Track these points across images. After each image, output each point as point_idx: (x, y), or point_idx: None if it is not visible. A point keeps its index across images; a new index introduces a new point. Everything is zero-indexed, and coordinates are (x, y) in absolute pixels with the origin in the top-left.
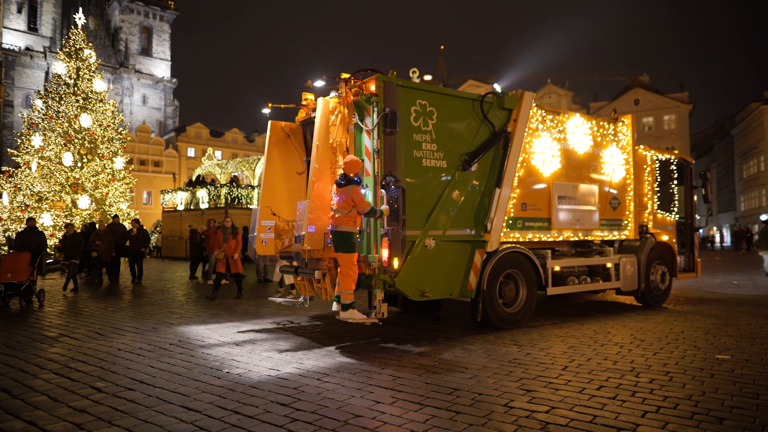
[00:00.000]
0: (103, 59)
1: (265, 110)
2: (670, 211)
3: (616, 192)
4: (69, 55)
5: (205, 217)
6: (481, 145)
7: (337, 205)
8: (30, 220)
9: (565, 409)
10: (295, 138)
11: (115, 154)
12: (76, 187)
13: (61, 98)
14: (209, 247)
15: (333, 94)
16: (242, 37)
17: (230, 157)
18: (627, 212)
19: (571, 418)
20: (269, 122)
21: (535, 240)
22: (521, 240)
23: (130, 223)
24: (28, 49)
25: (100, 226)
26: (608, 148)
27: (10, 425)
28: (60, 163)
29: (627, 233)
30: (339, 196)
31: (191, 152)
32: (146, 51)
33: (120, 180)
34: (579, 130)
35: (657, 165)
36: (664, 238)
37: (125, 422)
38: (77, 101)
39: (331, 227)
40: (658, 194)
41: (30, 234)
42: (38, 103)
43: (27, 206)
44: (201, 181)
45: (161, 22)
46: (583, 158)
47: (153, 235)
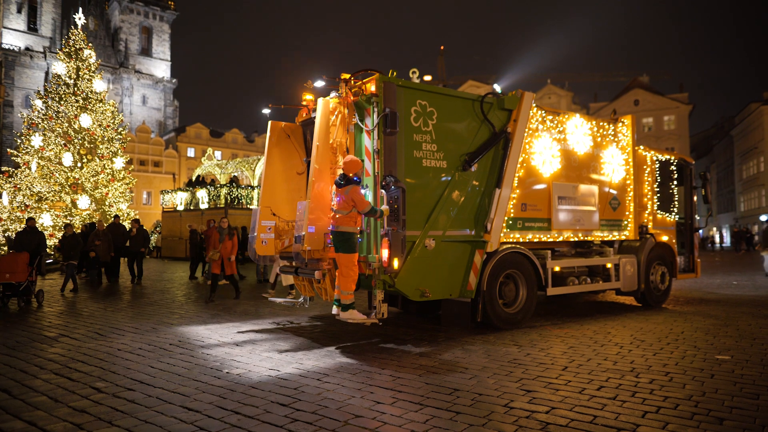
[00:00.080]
0: (103, 59)
1: (266, 110)
2: (669, 212)
3: (616, 192)
4: (69, 55)
5: (205, 218)
6: (481, 146)
7: (337, 206)
8: (30, 220)
9: (565, 410)
10: (295, 138)
11: (114, 154)
12: (76, 188)
13: (60, 98)
14: (209, 247)
15: (333, 94)
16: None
17: (230, 158)
18: (627, 213)
19: (571, 419)
20: (269, 122)
21: (535, 240)
22: (521, 240)
23: (129, 224)
24: (27, 49)
25: (99, 226)
26: (608, 148)
27: (10, 425)
28: (60, 164)
29: (627, 234)
30: (339, 197)
31: (191, 152)
32: (146, 51)
33: (120, 180)
34: (579, 130)
35: (657, 165)
36: (664, 238)
37: (125, 422)
38: (77, 101)
39: (332, 228)
40: (658, 195)
41: (30, 234)
42: (38, 104)
43: (27, 206)
44: (201, 182)
45: (161, 23)
46: (583, 159)
47: (153, 236)
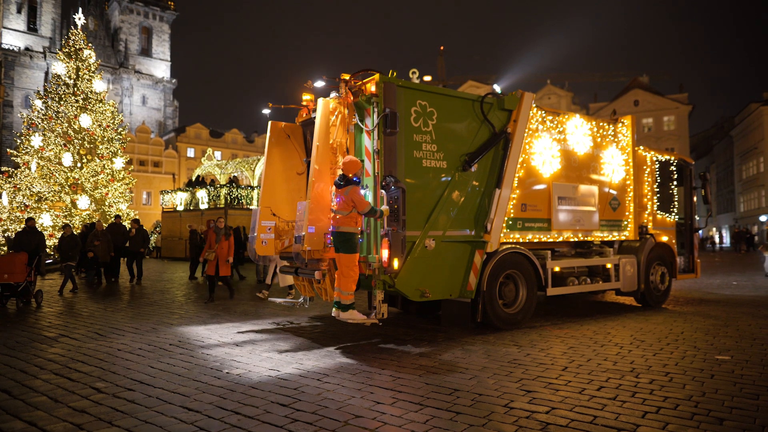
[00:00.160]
0: (103, 59)
1: (265, 110)
2: (669, 212)
3: (616, 193)
4: (68, 55)
5: (205, 218)
6: (481, 146)
7: (337, 206)
8: (30, 220)
9: (565, 410)
10: (295, 138)
11: (114, 154)
12: (76, 188)
13: (60, 98)
14: (205, 247)
15: (333, 94)
16: (242, 38)
17: (230, 158)
18: (627, 213)
19: (571, 419)
20: (269, 122)
21: (535, 241)
22: (521, 241)
23: (129, 224)
24: (27, 49)
25: (98, 227)
26: (608, 148)
27: (10, 426)
28: (59, 164)
29: (627, 234)
30: (339, 197)
31: (191, 153)
32: (146, 51)
33: (119, 180)
34: (579, 130)
35: (657, 166)
36: (664, 238)
37: (125, 423)
38: (77, 101)
39: (332, 228)
40: (658, 195)
41: (29, 234)
42: (38, 104)
43: (26, 206)
44: (201, 182)
45: (161, 23)
46: (583, 159)
47: (152, 236)
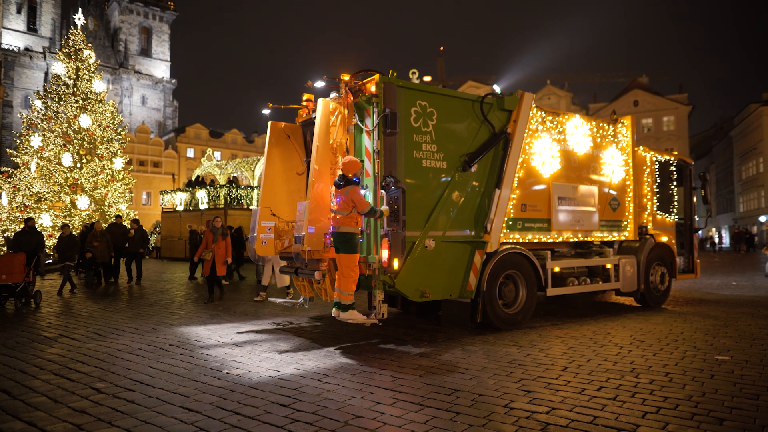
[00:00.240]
0: (103, 60)
1: (265, 111)
2: (669, 212)
3: (616, 193)
4: (68, 55)
5: (205, 218)
6: (481, 146)
7: (337, 207)
8: (29, 220)
9: (565, 410)
10: (295, 139)
11: (114, 154)
12: (75, 188)
13: (60, 99)
14: (201, 246)
15: (333, 94)
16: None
17: (230, 158)
18: (626, 213)
19: (571, 419)
20: (269, 123)
21: (535, 241)
22: (521, 241)
23: (128, 224)
24: (27, 49)
25: (97, 227)
26: (608, 149)
27: (10, 426)
28: (59, 164)
29: (626, 234)
30: (339, 197)
31: (191, 153)
32: (146, 51)
33: (119, 180)
34: (579, 131)
35: (656, 166)
36: (664, 239)
37: (125, 423)
38: (76, 102)
39: (333, 229)
40: (658, 195)
41: (28, 234)
42: (37, 104)
43: (26, 207)
44: (200, 182)
45: (161, 23)
46: (582, 159)
47: (152, 236)
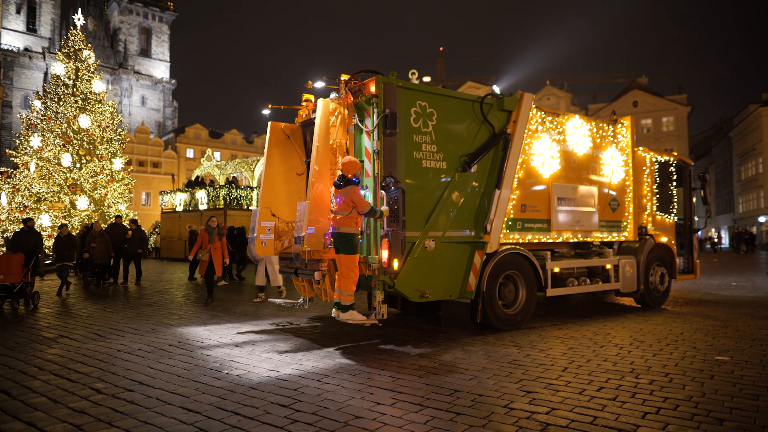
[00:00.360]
0: (102, 60)
1: (265, 111)
2: (669, 213)
3: (616, 193)
4: (68, 55)
5: (204, 218)
6: (481, 147)
7: (337, 207)
8: (28, 220)
9: (565, 411)
10: (295, 139)
11: (113, 155)
12: (75, 188)
13: (59, 99)
14: (195, 246)
15: (333, 95)
16: (241, 38)
17: (229, 158)
18: (626, 214)
19: (571, 419)
20: (269, 123)
21: (535, 241)
22: (521, 241)
23: (127, 224)
24: (26, 49)
25: (96, 227)
26: (607, 149)
27: (10, 426)
28: (59, 164)
29: (626, 235)
30: (339, 198)
31: (190, 153)
32: (145, 52)
33: (119, 181)
34: (578, 131)
35: (656, 167)
36: (663, 239)
37: (125, 423)
38: (76, 102)
39: (333, 229)
40: (658, 196)
41: (27, 235)
42: (37, 104)
43: (25, 207)
44: (200, 182)
45: (160, 23)
46: (582, 160)
47: (151, 237)
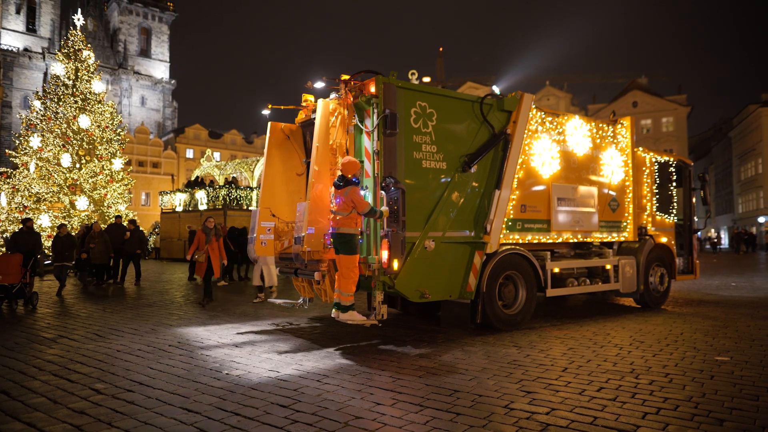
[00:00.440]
0: (102, 60)
1: (265, 111)
2: (668, 213)
3: (615, 194)
4: (67, 56)
5: (204, 219)
6: (481, 147)
7: (337, 207)
8: (27, 220)
9: (565, 411)
10: (295, 139)
11: (113, 155)
12: (75, 189)
13: (59, 99)
14: (192, 247)
15: (333, 95)
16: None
17: (229, 159)
18: (626, 214)
19: (571, 420)
20: (269, 123)
21: (535, 242)
22: (521, 241)
23: (126, 224)
24: (26, 50)
25: (95, 228)
26: (607, 150)
27: (9, 427)
28: (58, 164)
29: (626, 235)
30: (338, 198)
31: (190, 153)
32: (145, 52)
33: (118, 181)
34: (578, 132)
35: (656, 167)
36: (663, 239)
37: (125, 424)
38: (76, 102)
39: (332, 230)
40: (657, 196)
41: (26, 235)
42: (36, 104)
43: (25, 207)
44: (199, 183)
45: (160, 24)
46: (582, 160)
47: (151, 237)
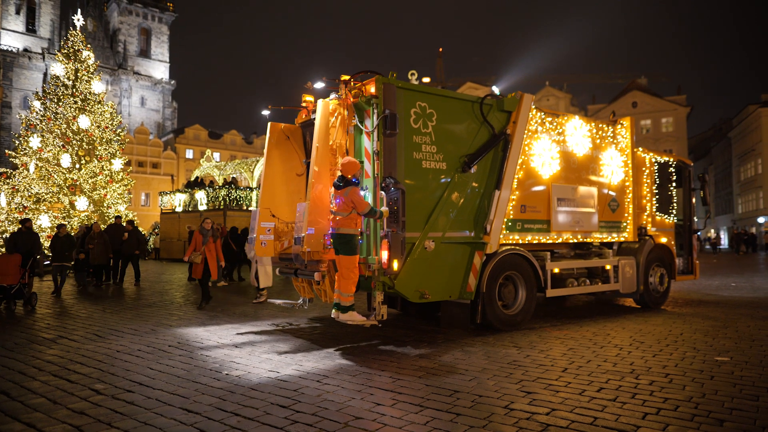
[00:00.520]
0: (102, 61)
1: (265, 112)
2: (668, 213)
3: (615, 194)
4: (67, 56)
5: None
6: (481, 147)
7: (337, 207)
8: (26, 221)
9: (565, 411)
10: (295, 140)
11: (113, 155)
12: (74, 189)
13: (59, 99)
14: (189, 249)
15: (333, 95)
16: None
17: (229, 159)
18: (626, 214)
19: (571, 420)
20: (269, 124)
21: (535, 242)
22: (520, 242)
23: (124, 224)
24: (26, 50)
25: (95, 228)
26: (607, 150)
27: (9, 427)
28: (58, 165)
29: (626, 235)
30: (338, 198)
31: (189, 154)
32: (145, 53)
33: (118, 182)
34: (578, 132)
35: (655, 167)
36: (663, 240)
37: (125, 424)
38: (75, 102)
39: (332, 230)
40: (657, 196)
41: (25, 235)
42: (36, 105)
43: (25, 208)
44: (199, 183)
45: (160, 24)
46: (582, 160)
47: (151, 237)
